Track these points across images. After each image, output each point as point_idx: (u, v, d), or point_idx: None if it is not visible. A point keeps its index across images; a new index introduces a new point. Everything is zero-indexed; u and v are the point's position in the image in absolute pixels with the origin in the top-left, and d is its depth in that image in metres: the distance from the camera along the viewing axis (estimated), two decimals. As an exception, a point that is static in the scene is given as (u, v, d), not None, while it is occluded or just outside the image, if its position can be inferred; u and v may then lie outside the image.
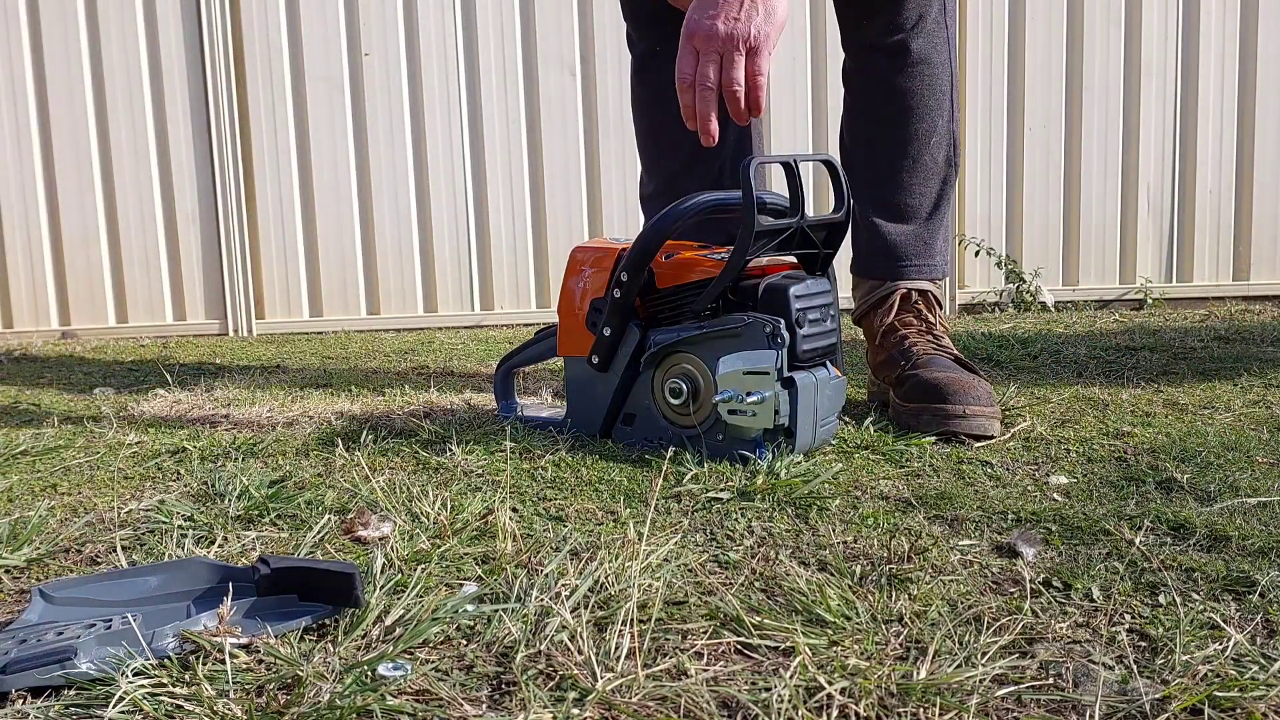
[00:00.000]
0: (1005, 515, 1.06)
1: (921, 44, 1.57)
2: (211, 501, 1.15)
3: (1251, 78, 3.39)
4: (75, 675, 0.72)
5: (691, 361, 1.31)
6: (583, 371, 1.40)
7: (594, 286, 1.39)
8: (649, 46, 1.69)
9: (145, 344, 3.07)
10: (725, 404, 1.25)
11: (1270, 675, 0.70)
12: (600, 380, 1.39)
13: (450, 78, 3.34)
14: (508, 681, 0.71)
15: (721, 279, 1.28)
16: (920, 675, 0.70)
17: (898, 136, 1.61)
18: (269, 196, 3.34)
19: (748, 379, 1.24)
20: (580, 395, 1.42)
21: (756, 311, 1.27)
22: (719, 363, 1.27)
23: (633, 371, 1.37)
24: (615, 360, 1.37)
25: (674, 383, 1.32)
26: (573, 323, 1.42)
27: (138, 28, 3.27)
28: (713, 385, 1.29)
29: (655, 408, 1.36)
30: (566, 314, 1.42)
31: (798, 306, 1.27)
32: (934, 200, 1.64)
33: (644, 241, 1.34)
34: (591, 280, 1.39)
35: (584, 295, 1.40)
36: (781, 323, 1.24)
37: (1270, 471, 1.19)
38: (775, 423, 1.24)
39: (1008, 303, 3.35)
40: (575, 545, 0.98)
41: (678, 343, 1.31)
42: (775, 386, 1.23)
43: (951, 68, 1.62)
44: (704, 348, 1.30)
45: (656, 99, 1.67)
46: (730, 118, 1.30)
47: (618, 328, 1.36)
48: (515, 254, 3.40)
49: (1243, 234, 3.46)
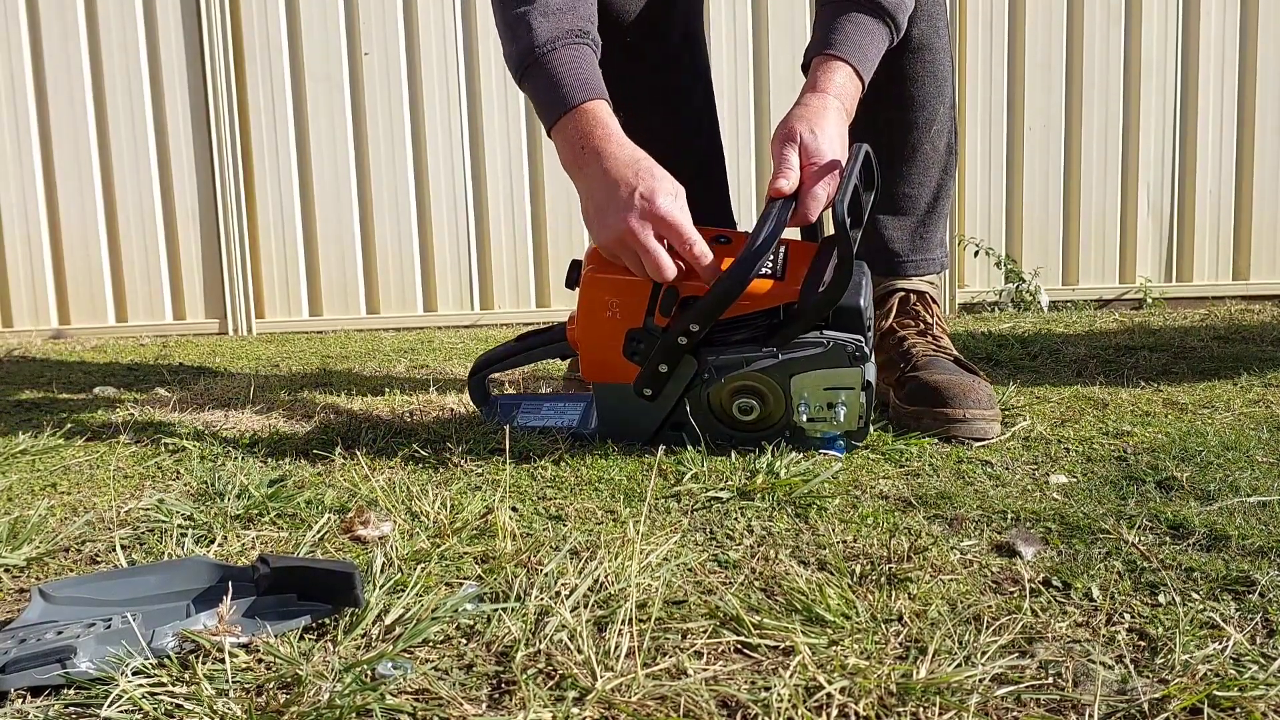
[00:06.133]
0: (1005, 514, 1.06)
1: (923, 28, 1.54)
2: (211, 500, 1.15)
3: (1251, 77, 3.39)
4: (75, 674, 0.72)
5: (761, 381, 1.29)
6: (625, 396, 1.34)
7: (626, 316, 1.31)
8: None
9: (145, 343, 3.07)
10: (803, 413, 1.27)
11: (1270, 675, 0.70)
12: (645, 406, 1.34)
13: (450, 77, 3.34)
14: (507, 680, 0.71)
15: (814, 313, 1.24)
16: (920, 674, 0.70)
17: (897, 125, 1.59)
18: (268, 196, 3.34)
19: (828, 392, 1.26)
20: (619, 414, 1.36)
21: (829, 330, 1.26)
22: (795, 379, 1.26)
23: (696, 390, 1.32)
24: (667, 389, 1.32)
25: (745, 401, 1.29)
26: (604, 353, 1.32)
27: (138, 27, 3.27)
28: (785, 399, 1.28)
29: (712, 418, 1.32)
30: (595, 344, 1.33)
31: (868, 317, 1.28)
32: (934, 190, 1.63)
33: (726, 296, 1.24)
34: (621, 310, 1.31)
35: (614, 326, 1.31)
36: (862, 341, 1.25)
37: (1270, 471, 1.19)
38: (857, 425, 1.28)
39: (1007, 302, 3.35)
40: (575, 544, 0.98)
41: (752, 371, 1.28)
42: (860, 395, 1.26)
43: (951, 53, 1.61)
44: (776, 371, 1.28)
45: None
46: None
47: (675, 364, 1.30)
48: (514, 253, 3.40)
49: (1242, 233, 3.46)
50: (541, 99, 1.33)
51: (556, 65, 1.30)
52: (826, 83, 1.31)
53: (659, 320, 1.29)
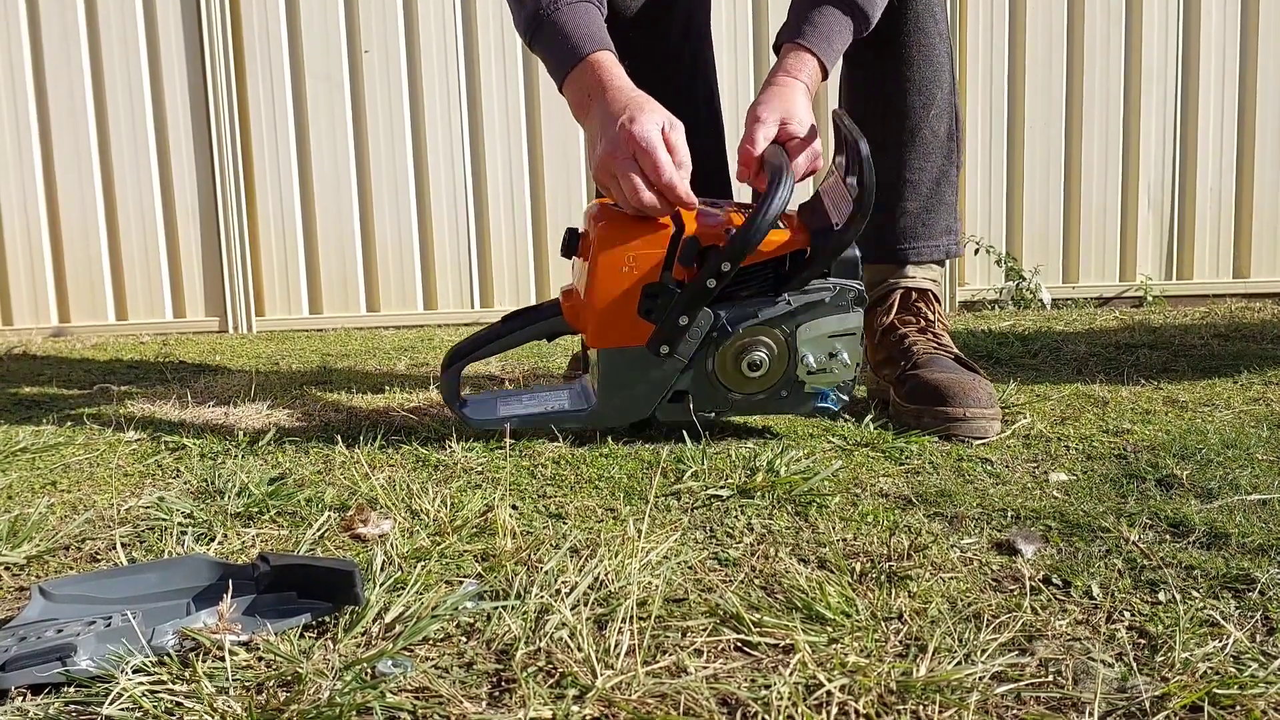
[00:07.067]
0: (1005, 512, 1.06)
1: (918, 11, 1.54)
2: (211, 498, 1.15)
3: (1251, 77, 3.39)
4: (75, 672, 0.72)
5: (768, 333, 1.31)
6: (632, 361, 1.32)
7: (643, 270, 1.29)
8: None
9: (145, 341, 3.07)
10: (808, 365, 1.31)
11: (1270, 673, 0.70)
12: (657, 367, 1.32)
13: (450, 75, 3.34)
14: (507, 679, 0.71)
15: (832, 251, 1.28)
16: (920, 672, 0.70)
17: (895, 110, 1.58)
18: (268, 193, 3.34)
19: (833, 340, 1.32)
20: (624, 386, 1.33)
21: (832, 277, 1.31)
22: (802, 329, 1.31)
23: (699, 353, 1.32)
24: (682, 347, 1.31)
25: (755, 355, 1.31)
26: (617, 314, 1.30)
27: (137, 26, 3.27)
28: (790, 353, 1.32)
29: (715, 380, 1.33)
30: (608, 304, 1.29)
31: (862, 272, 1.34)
32: (935, 176, 1.61)
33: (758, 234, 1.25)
34: (638, 264, 1.29)
35: (631, 281, 1.29)
36: (861, 286, 1.32)
37: (1270, 469, 1.19)
38: (854, 374, 1.34)
39: (1007, 300, 3.35)
40: (575, 542, 0.98)
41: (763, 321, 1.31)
42: (858, 341, 1.33)
43: (949, 40, 1.60)
44: (786, 320, 1.31)
45: None
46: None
47: (696, 315, 1.30)
48: (515, 250, 3.40)
49: (1242, 231, 3.46)
50: (551, 55, 1.39)
51: (563, 22, 1.37)
52: (797, 69, 1.40)
53: (677, 273, 1.29)
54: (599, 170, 1.29)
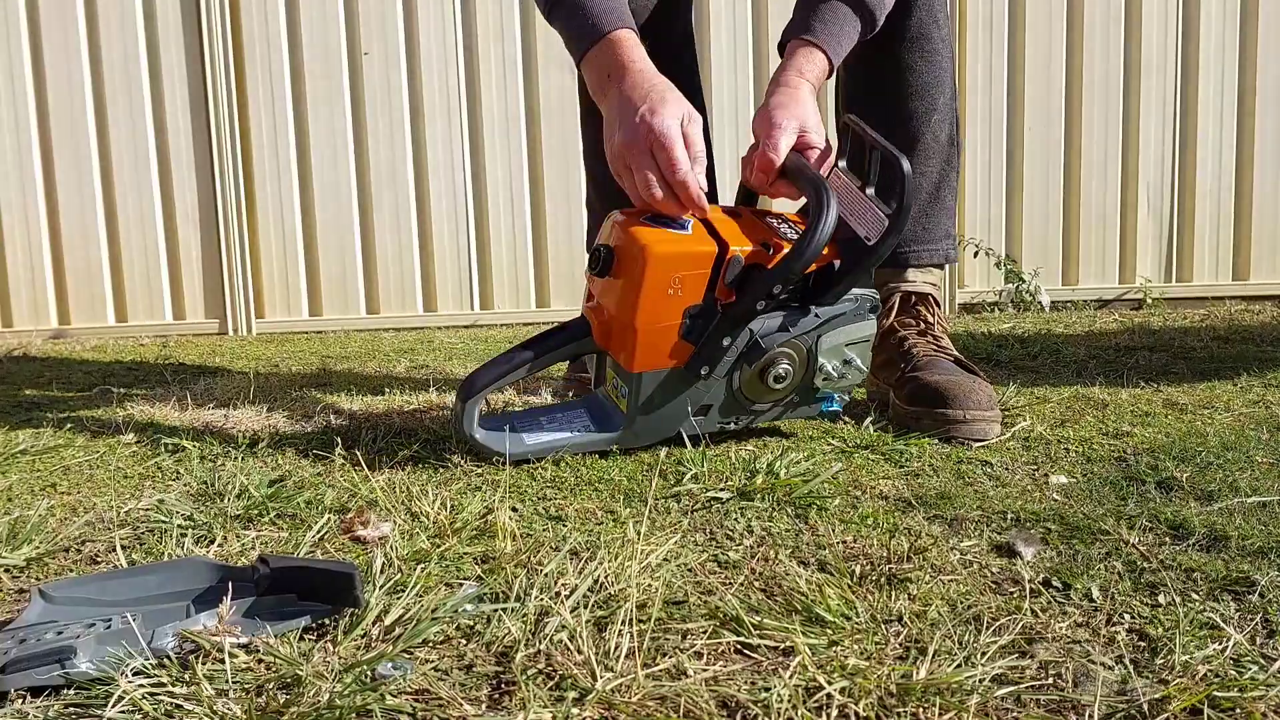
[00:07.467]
0: (1005, 515, 1.06)
1: (920, 17, 1.54)
2: (211, 501, 1.15)
3: (1251, 77, 3.39)
4: (75, 675, 0.71)
5: (793, 345, 1.30)
6: (670, 383, 1.28)
7: (689, 293, 1.25)
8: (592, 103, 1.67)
9: (144, 343, 3.07)
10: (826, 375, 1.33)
11: (1270, 675, 0.70)
12: (693, 386, 1.29)
13: (449, 77, 3.34)
14: (507, 681, 0.71)
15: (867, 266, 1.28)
16: (920, 675, 0.70)
17: (896, 115, 1.58)
18: (268, 195, 3.34)
19: (849, 348, 1.33)
20: (659, 406, 1.30)
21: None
22: (823, 339, 1.31)
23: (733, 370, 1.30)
24: (721, 365, 1.29)
25: (781, 368, 1.30)
26: (662, 337, 1.26)
27: (137, 27, 3.27)
28: (810, 362, 1.32)
29: (740, 393, 1.32)
30: (654, 328, 1.25)
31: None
32: (935, 180, 1.61)
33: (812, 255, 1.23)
34: (684, 285, 1.24)
35: (678, 304, 1.25)
36: (876, 294, 1.33)
37: (1270, 471, 1.19)
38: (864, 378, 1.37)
39: (1007, 302, 3.35)
40: (575, 545, 0.98)
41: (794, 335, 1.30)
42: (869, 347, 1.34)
43: (951, 45, 1.60)
44: (812, 331, 1.30)
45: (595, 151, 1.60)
46: None
47: (738, 336, 1.27)
48: (514, 253, 3.40)
49: (1242, 233, 3.47)
50: (570, 30, 1.36)
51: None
52: (806, 68, 1.37)
53: (721, 294, 1.25)
54: (614, 159, 1.27)
